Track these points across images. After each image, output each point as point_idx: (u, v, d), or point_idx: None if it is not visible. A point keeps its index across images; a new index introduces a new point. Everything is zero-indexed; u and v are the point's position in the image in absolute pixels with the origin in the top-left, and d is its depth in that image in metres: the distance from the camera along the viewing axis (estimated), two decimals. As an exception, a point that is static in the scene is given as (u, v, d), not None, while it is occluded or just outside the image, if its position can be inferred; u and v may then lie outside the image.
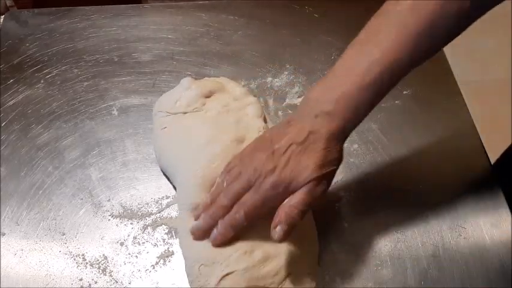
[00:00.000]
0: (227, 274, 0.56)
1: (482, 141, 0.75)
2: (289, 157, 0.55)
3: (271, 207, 0.56)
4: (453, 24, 0.54)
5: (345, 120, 0.56)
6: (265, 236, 0.57)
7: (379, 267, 0.62)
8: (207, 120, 0.66)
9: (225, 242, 0.58)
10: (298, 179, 0.55)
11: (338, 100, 0.55)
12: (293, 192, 0.55)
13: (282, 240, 0.55)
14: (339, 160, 0.58)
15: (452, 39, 0.56)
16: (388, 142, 0.74)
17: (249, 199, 0.56)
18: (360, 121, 0.58)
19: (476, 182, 0.71)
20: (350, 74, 0.56)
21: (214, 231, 0.58)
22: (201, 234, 0.59)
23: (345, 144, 0.73)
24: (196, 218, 0.60)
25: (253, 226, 0.58)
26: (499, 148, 0.84)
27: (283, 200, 0.56)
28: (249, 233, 0.59)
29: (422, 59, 0.57)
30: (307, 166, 0.55)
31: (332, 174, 0.57)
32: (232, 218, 0.57)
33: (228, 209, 0.58)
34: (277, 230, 0.54)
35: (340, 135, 0.57)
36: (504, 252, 0.64)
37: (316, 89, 0.58)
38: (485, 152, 0.74)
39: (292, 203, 0.55)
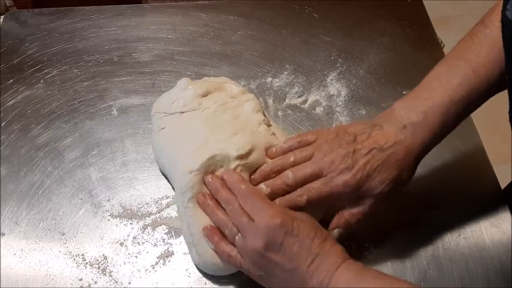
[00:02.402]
0: None
1: (482, 140, 0.74)
2: (368, 161, 0.55)
3: (332, 202, 0.57)
4: None
5: (431, 133, 0.56)
6: None
7: (379, 268, 0.62)
8: (203, 119, 0.66)
9: None
10: (370, 188, 0.55)
11: (428, 112, 0.56)
12: (360, 196, 0.56)
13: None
14: (407, 181, 0.58)
15: None
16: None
17: (316, 188, 0.56)
18: (442, 138, 0.58)
19: (476, 182, 0.71)
20: (442, 87, 0.57)
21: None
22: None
23: (345, 144, 0.74)
24: (260, 178, 0.61)
25: None
26: (499, 147, 0.84)
27: (347, 200, 0.57)
28: None
29: None
30: (382, 179, 0.55)
31: (397, 193, 0.58)
32: (294, 200, 0.57)
33: (291, 188, 0.58)
34: (335, 233, 0.58)
35: (420, 154, 0.57)
36: (504, 252, 0.64)
37: (406, 99, 0.58)
38: (485, 151, 0.74)
39: (354, 211, 0.56)
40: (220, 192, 0.59)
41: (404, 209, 0.67)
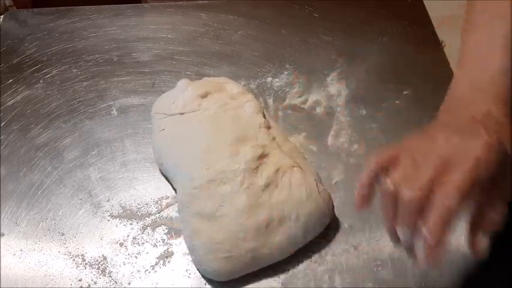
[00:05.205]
0: None
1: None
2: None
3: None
4: None
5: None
6: None
7: (380, 268, 0.62)
8: (204, 120, 0.66)
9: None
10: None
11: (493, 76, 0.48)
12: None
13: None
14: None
15: None
16: (388, 142, 0.74)
17: (458, 175, 0.43)
18: None
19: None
20: (488, 55, 0.49)
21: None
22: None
23: (345, 145, 0.74)
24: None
25: None
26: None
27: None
28: None
29: None
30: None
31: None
32: (444, 203, 0.43)
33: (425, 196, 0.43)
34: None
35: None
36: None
37: (461, 86, 0.51)
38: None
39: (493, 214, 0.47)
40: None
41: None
